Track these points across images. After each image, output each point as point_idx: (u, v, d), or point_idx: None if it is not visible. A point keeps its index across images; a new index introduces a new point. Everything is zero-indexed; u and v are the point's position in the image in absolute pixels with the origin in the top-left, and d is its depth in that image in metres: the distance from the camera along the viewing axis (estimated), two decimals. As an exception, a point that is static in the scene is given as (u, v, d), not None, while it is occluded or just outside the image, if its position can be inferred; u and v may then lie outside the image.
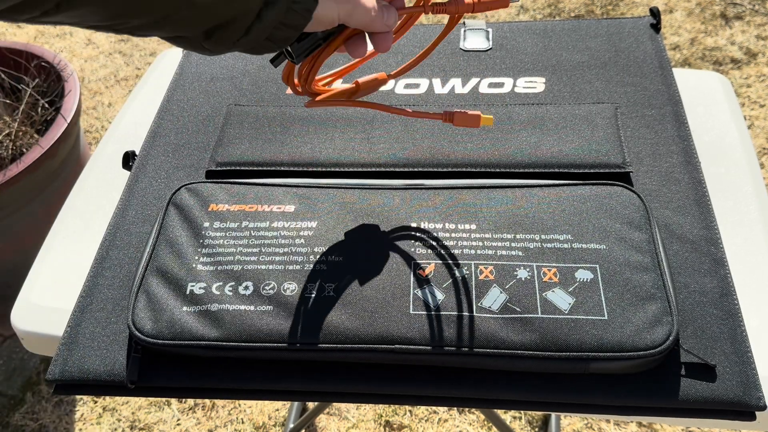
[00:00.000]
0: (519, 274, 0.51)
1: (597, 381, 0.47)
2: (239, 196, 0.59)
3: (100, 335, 0.53)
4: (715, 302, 0.51)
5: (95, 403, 1.30)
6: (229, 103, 0.72)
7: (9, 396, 1.32)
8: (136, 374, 0.50)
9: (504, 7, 0.47)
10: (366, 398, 0.50)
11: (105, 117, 1.91)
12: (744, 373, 0.47)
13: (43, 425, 1.28)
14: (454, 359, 0.48)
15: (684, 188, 0.59)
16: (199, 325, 0.49)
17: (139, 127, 0.77)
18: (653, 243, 0.52)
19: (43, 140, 1.20)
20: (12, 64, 1.36)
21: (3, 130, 1.22)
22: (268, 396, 0.51)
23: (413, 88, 0.70)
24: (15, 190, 1.18)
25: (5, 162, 1.20)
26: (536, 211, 0.55)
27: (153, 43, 2.16)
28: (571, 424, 1.20)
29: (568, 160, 0.61)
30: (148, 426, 1.26)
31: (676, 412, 0.47)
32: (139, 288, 0.52)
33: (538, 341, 0.47)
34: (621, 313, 0.48)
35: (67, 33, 2.23)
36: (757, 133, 1.63)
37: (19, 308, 0.64)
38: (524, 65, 0.73)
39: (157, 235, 0.56)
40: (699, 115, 0.73)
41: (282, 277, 0.52)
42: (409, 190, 0.58)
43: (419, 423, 1.22)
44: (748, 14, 1.94)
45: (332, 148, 0.64)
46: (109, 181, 0.73)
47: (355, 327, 0.48)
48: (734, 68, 1.79)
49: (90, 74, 2.05)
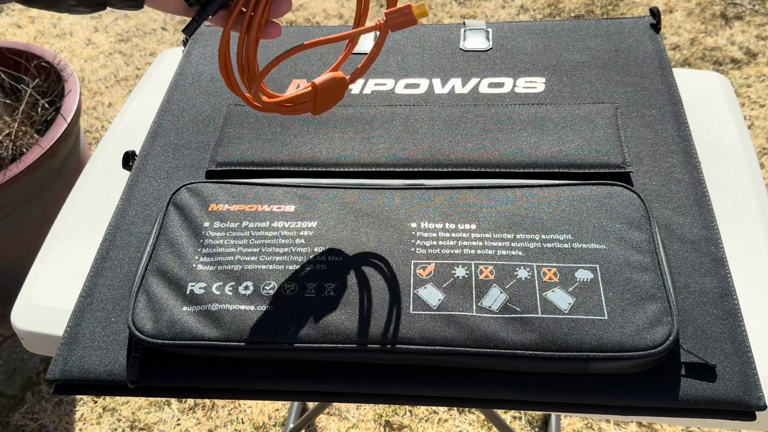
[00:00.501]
0: (519, 274, 0.51)
1: (597, 381, 0.47)
2: (239, 196, 0.59)
3: (100, 335, 0.53)
4: (715, 302, 0.51)
5: (95, 403, 1.30)
6: (229, 103, 0.72)
7: (9, 396, 1.32)
8: (136, 374, 0.50)
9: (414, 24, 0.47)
10: (366, 398, 0.50)
11: (105, 117, 1.91)
12: (744, 373, 0.47)
13: (43, 425, 1.28)
14: (454, 359, 0.48)
15: (684, 188, 0.59)
16: (199, 325, 0.49)
17: (139, 127, 0.77)
18: (653, 243, 0.52)
19: (43, 140, 1.20)
20: (12, 64, 1.36)
21: (3, 130, 1.22)
22: (267, 396, 0.51)
23: (413, 88, 0.70)
24: (15, 190, 1.18)
25: (5, 162, 1.20)
26: (536, 211, 0.55)
27: (153, 43, 2.16)
28: (571, 424, 1.20)
29: (568, 160, 0.61)
30: (148, 426, 1.26)
31: (676, 412, 0.47)
32: (139, 288, 0.52)
33: (538, 341, 0.47)
34: (621, 313, 0.48)
35: (67, 33, 2.23)
36: (757, 133, 1.63)
37: (19, 308, 0.64)
38: (524, 65, 0.73)
39: (157, 235, 0.56)
40: (699, 115, 0.73)
41: (282, 277, 0.52)
42: (409, 190, 0.58)
43: (419, 423, 1.22)
44: (748, 14, 1.94)
45: (332, 148, 0.64)
46: (109, 181, 0.73)
47: (355, 327, 0.48)
48: (734, 68, 1.79)
49: (90, 74, 2.05)
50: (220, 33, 0.81)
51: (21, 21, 2.29)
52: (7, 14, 2.31)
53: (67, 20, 2.28)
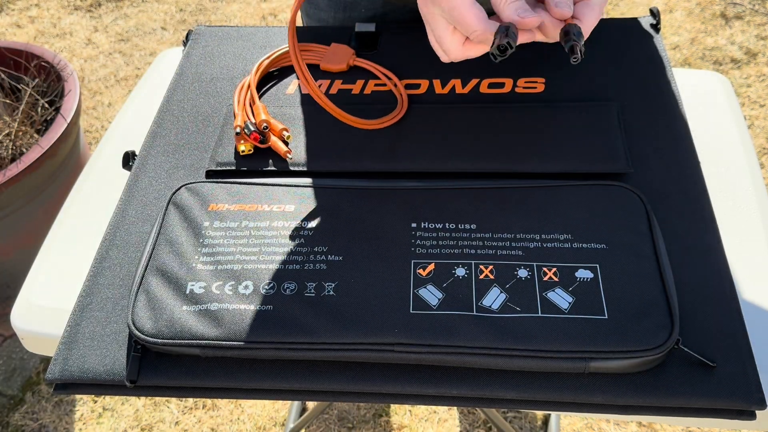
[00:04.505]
0: (519, 274, 0.51)
1: (597, 380, 0.47)
2: (239, 195, 0.59)
3: (100, 335, 0.53)
4: (715, 301, 0.51)
5: (95, 403, 1.30)
6: (229, 103, 0.72)
7: (9, 396, 1.32)
8: (136, 373, 0.50)
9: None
10: (366, 397, 0.50)
11: (105, 117, 1.91)
12: (744, 372, 0.47)
13: (43, 425, 1.28)
14: (454, 359, 0.48)
15: (684, 188, 0.59)
16: (199, 325, 0.49)
17: (139, 127, 0.77)
18: (653, 243, 0.52)
19: (43, 140, 1.21)
20: (12, 64, 1.36)
21: (3, 130, 1.22)
22: (267, 395, 0.51)
23: (413, 88, 0.70)
24: (15, 190, 1.18)
25: (5, 162, 1.21)
26: (536, 210, 0.55)
27: (153, 43, 2.16)
28: (571, 424, 1.20)
29: (569, 159, 0.61)
30: (148, 426, 1.26)
31: (676, 412, 0.47)
32: (138, 287, 0.52)
33: (538, 340, 0.47)
34: (621, 312, 0.48)
35: (67, 33, 2.23)
36: (757, 133, 1.64)
37: (19, 308, 0.64)
38: (524, 65, 0.73)
39: (157, 235, 0.56)
40: (699, 115, 0.73)
41: (282, 277, 0.52)
42: (410, 190, 0.58)
43: (419, 423, 1.22)
44: (748, 14, 1.94)
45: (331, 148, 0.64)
46: (109, 181, 0.73)
47: (355, 326, 0.48)
48: (734, 68, 1.79)
49: (90, 74, 2.05)
50: (220, 33, 0.81)
51: (21, 21, 2.29)
52: (7, 14, 2.31)
53: (67, 20, 2.28)
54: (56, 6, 2.34)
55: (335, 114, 0.64)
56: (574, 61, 0.48)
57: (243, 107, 0.67)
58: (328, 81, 0.72)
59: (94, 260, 0.58)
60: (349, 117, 0.64)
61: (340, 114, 0.64)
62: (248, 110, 0.67)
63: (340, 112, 0.64)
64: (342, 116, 0.64)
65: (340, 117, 0.64)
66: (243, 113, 0.66)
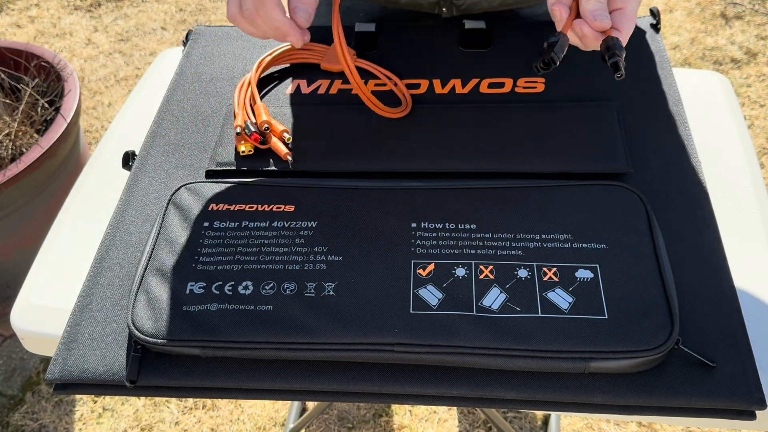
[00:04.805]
0: (519, 274, 0.51)
1: (597, 380, 0.47)
2: (239, 195, 0.59)
3: (100, 335, 0.53)
4: (715, 301, 0.51)
5: (95, 403, 1.30)
6: (229, 103, 0.72)
7: (9, 396, 1.32)
8: (136, 373, 0.50)
9: None
10: (366, 397, 0.50)
11: (105, 117, 1.91)
12: (744, 372, 0.47)
13: (43, 425, 1.28)
14: (454, 359, 0.48)
15: (684, 188, 0.59)
16: (199, 325, 0.49)
17: (139, 127, 0.77)
18: (653, 243, 0.52)
19: (43, 140, 1.21)
20: (12, 64, 1.36)
21: (3, 130, 1.23)
22: (267, 395, 0.51)
23: (413, 88, 0.70)
24: (15, 190, 1.18)
25: (5, 162, 1.21)
26: (536, 210, 0.55)
27: (153, 43, 2.16)
28: (571, 424, 1.20)
29: (569, 159, 0.61)
30: (148, 426, 1.26)
31: (677, 412, 0.47)
32: (138, 287, 0.52)
33: (538, 340, 0.47)
34: (621, 312, 0.48)
35: (67, 33, 2.23)
36: (757, 133, 1.64)
37: (18, 308, 0.64)
38: (524, 65, 0.73)
39: (156, 235, 0.56)
40: (699, 115, 0.73)
41: (282, 277, 0.52)
42: (410, 190, 0.58)
43: (419, 423, 1.22)
44: (748, 14, 1.94)
45: None
46: (109, 181, 0.73)
47: (355, 326, 0.48)
48: (734, 68, 1.79)
49: (90, 74, 2.05)
50: (220, 33, 0.81)
51: (21, 21, 2.29)
52: (7, 14, 2.31)
53: (66, 20, 2.28)
54: (56, 6, 2.34)
55: (372, 105, 0.66)
56: (618, 78, 0.48)
57: (243, 106, 0.67)
58: (328, 81, 0.72)
59: (94, 260, 0.58)
60: (384, 108, 0.66)
61: (377, 105, 0.66)
62: (248, 110, 0.66)
63: (377, 102, 0.66)
64: (379, 108, 0.66)
65: (377, 109, 0.67)
66: (243, 113, 0.66)
